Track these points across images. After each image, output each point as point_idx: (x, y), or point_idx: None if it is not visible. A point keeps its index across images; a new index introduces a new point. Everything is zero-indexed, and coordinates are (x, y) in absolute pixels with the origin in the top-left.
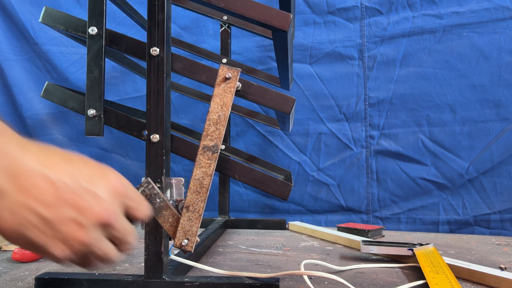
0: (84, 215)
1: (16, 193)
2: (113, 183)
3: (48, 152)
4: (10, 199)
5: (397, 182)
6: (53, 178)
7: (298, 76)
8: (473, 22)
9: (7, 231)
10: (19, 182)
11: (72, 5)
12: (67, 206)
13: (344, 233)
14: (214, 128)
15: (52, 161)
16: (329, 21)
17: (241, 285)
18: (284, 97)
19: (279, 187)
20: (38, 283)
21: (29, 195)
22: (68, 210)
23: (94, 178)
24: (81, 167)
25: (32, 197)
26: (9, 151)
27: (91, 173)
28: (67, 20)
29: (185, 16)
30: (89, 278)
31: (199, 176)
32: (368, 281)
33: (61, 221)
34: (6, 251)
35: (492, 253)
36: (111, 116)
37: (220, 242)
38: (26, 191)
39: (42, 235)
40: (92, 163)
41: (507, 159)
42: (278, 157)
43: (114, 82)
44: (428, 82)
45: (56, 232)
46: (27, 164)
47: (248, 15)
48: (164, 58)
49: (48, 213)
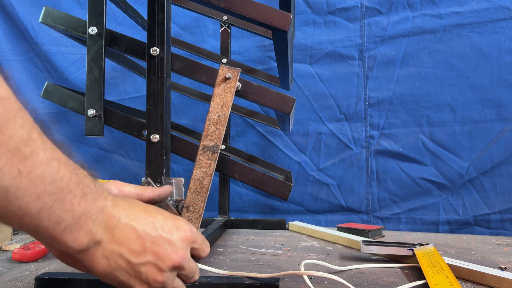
0: (162, 260)
1: (110, 243)
2: (184, 231)
3: (131, 204)
4: (105, 247)
5: (397, 182)
6: (139, 230)
7: (298, 76)
8: (473, 22)
9: (101, 273)
10: (112, 233)
11: (72, 5)
12: (150, 254)
13: (344, 233)
14: (214, 128)
15: (135, 213)
16: (329, 21)
17: (241, 285)
18: (284, 97)
19: (279, 187)
20: (38, 283)
21: (120, 244)
22: (150, 256)
23: (170, 228)
24: (158, 217)
25: (123, 246)
26: (105, 207)
27: (166, 222)
28: (67, 20)
29: (185, 16)
30: (89, 279)
31: (199, 176)
32: (368, 281)
33: (144, 265)
34: (6, 251)
35: (492, 253)
36: (111, 116)
37: (220, 242)
38: (118, 241)
39: (129, 277)
40: (165, 213)
41: (507, 159)
42: (278, 157)
43: (114, 82)
44: (428, 82)
45: (140, 274)
46: (119, 218)
47: (248, 15)
48: (164, 58)
49: (134, 259)
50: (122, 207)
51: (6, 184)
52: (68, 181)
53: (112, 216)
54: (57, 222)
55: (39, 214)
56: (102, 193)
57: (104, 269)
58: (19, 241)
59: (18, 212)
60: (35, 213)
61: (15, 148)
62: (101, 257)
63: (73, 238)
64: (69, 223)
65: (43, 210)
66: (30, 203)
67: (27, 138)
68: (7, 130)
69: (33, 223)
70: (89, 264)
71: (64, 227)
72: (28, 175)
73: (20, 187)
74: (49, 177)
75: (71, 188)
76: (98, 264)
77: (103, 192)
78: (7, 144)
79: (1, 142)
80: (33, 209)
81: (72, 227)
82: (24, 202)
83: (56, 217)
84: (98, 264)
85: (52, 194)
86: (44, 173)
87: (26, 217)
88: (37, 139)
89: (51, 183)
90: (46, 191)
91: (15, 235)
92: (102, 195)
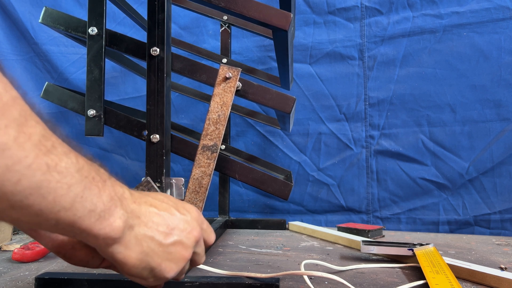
0: (187, 238)
1: (140, 227)
2: (194, 211)
3: (144, 195)
4: (137, 232)
5: (397, 182)
6: (160, 213)
7: (298, 76)
8: (473, 22)
9: (135, 262)
10: (139, 218)
11: (72, 5)
12: (176, 233)
13: (344, 233)
14: (214, 127)
15: (149, 199)
16: (329, 21)
17: (241, 285)
18: (284, 96)
19: (280, 187)
20: (38, 283)
21: (150, 228)
22: (176, 236)
23: (183, 209)
24: (169, 201)
25: (152, 229)
26: (124, 192)
27: (177, 205)
28: (67, 20)
29: (185, 16)
30: (89, 278)
31: (198, 176)
32: (368, 281)
33: (174, 245)
34: (6, 251)
35: (492, 253)
36: (111, 116)
37: (220, 242)
38: (146, 225)
39: (160, 261)
40: (172, 198)
41: (507, 159)
42: (278, 157)
43: (114, 82)
44: (428, 82)
45: (171, 255)
46: (141, 205)
47: (248, 14)
48: (164, 58)
49: (164, 240)
50: (136, 195)
51: (38, 180)
52: (88, 169)
53: (132, 202)
54: (91, 210)
55: (73, 205)
56: (115, 180)
57: (138, 257)
58: (19, 241)
59: (53, 208)
60: (69, 205)
61: (38, 143)
62: (135, 244)
63: (108, 224)
64: (102, 209)
65: (75, 200)
66: (64, 195)
67: (45, 133)
68: (27, 128)
69: (68, 216)
70: (122, 255)
71: (98, 214)
72: (56, 168)
73: (51, 180)
74: (73, 167)
75: (93, 175)
76: (132, 251)
77: (116, 180)
78: (31, 140)
79: (25, 139)
80: (67, 201)
81: (105, 213)
82: (58, 195)
83: (89, 204)
84: (132, 252)
85: (80, 183)
86: (68, 164)
87: (61, 212)
88: (51, 134)
89: (76, 172)
90: (75, 181)
91: (15, 235)
92: (117, 182)
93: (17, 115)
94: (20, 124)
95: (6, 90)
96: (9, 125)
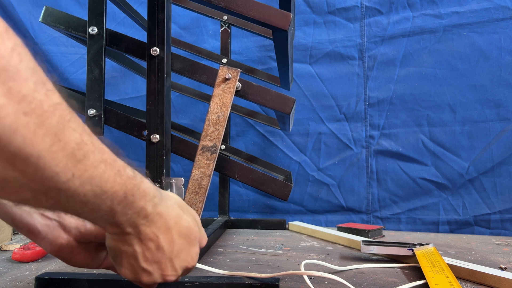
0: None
1: (134, 238)
2: (189, 264)
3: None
4: (128, 238)
5: (397, 182)
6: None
7: (298, 76)
8: (473, 22)
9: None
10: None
11: (72, 5)
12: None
13: (344, 233)
14: (213, 128)
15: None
16: (329, 21)
17: (241, 285)
18: (284, 97)
19: (279, 188)
20: (38, 283)
21: (141, 246)
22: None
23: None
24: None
25: (141, 248)
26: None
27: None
28: (67, 20)
29: (185, 16)
30: (89, 278)
31: (197, 177)
32: (368, 281)
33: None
34: (6, 251)
35: (492, 253)
36: (111, 116)
37: (220, 242)
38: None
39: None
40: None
41: (507, 159)
42: (278, 157)
43: (114, 82)
44: (428, 82)
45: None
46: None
47: (248, 14)
48: (164, 58)
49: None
50: (160, 212)
51: (60, 187)
52: (112, 183)
53: (146, 220)
54: (93, 211)
55: (82, 208)
56: (145, 195)
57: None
58: (19, 241)
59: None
60: (79, 207)
61: (71, 154)
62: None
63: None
64: (109, 221)
65: (84, 205)
66: (77, 201)
67: (80, 141)
68: (63, 136)
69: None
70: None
71: (104, 226)
72: (80, 178)
73: (70, 188)
74: (97, 179)
75: (115, 190)
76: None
77: (145, 195)
78: (64, 150)
79: (59, 148)
80: (77, 206)
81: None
82: (72, 200)
83: (95, 213)
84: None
85: (96, 196)
86: (93, 175)
87: (70, 208)
88: (87, 142)
89: (97, 185)
90: (91, 193)
91: (15, 235)
92: (145, 197)
93: (56, 122)
94: (57, 132)
95: (48, 96)
96: (46, 133)
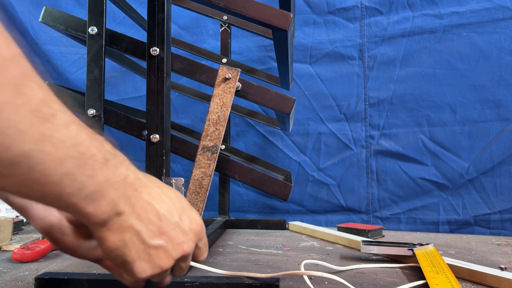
0: (174, 248)
1: (131, 217)
2: (197, 225)
3: (151, 181)
4: (125, 220)
5: (397, 182)
6: (159, 212)
7: (298, 76)
8: (473, 22)
9: (111, 246)
10: (134, 207)
11: (72, 5)
12: (165, 238)
13: (344, 233)
14: (214, 128)
15: (156, 193)
16: (329, 21)
17: (241, 285)
18: (284, 97)
19: (279, 187)
20: (38, 283)
21: (141, 221)
22: (164, 241)
23: (185, 216)
24: (176, 203)
25: (142, 224)
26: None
27: (184, 211)
28: (67, 19)
29: (185, 16)
30: (89, 278)
31: (198, 177)
32: (368, 281)
33: (156, 249)
34: (6, 251)
35: (492, 253)
36: (111, 116)
37: (220, 242)
38: (138, 217)
39: (136, 257)
40: (183, 201)
41: (507, 159)
42: (278, 157)
43: (114, 82)
44: (428, 82)
45: (150, 257)
46: (140, 192)
47: (248, 14)
48: (164, 58)
49: (150, 240)
50: (144, 182)
51: (28, 149)
52: (88, 145)
53: (134, 189)
54: (79, 189)
55: (61, 180)
56: (123, 161)
57: (115, 243)
58: (19, 241)
59: (41, 179)
60: (58, 180)
61: (36, 109)
62: (117, 230)
63: (95, 206)
64: (91, 190)
65: (65, 176)
66: (53, 169)
67: (45, 99)
68: (27, 90)
69: (55, 190)
70: (102, 234)
71: (86, 194)
72: (51, 139)
73: (42, 151)
74: (70, 141)
75: (93, 153)
76: (112, 236)
77: (124, 160)
78: (28, 105)
79: (22, 103)
80: (56, 175)
81: (95, 194)
82: (47, 168)
83: (78, 183)
84: (112, 236)
85: (74, 159)
86: (65, 137)
87: (48, 185)
88: (54, 101)
89: (72, 146)
90: (68, 156)
91: (15, 235)
92: (124, 163)
93: (17, 73)
94: (18, 84)
95: (7, 45)
96: (6, 84)
